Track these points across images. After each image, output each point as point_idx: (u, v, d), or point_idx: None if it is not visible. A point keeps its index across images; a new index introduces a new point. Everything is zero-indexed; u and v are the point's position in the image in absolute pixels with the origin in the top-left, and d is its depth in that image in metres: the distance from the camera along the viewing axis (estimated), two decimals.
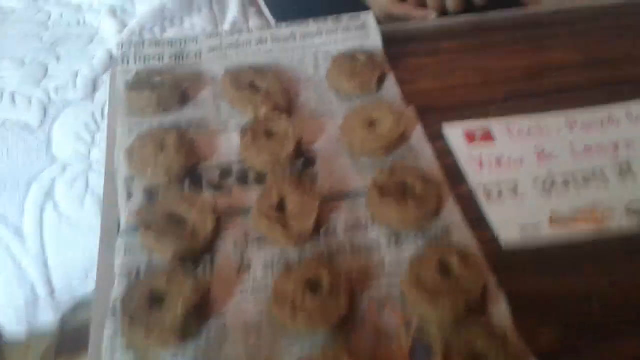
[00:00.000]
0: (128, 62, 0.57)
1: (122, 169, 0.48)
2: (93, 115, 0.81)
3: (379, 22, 0.62)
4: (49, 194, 0.78)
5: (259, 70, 0.56)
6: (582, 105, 0.55)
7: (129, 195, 0.46)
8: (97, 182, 0.79)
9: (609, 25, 0.66)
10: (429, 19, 0.62)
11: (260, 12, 1.01)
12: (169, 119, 0.53)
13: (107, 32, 0.93)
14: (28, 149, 0.78)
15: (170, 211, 0.43)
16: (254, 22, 1.00)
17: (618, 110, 0.55)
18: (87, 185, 0.79)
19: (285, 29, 0.61)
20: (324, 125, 0.53)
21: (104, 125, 0.80)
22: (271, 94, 0.53)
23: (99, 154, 0.79)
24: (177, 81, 0.54)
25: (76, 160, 0.79)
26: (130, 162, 0.47)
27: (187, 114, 0.53)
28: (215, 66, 0.58)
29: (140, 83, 0.53)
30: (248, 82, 0.55)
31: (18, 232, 0.77)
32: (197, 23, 0.98)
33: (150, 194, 0.46)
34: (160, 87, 0.53)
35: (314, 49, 0.60)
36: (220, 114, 0.54)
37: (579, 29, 0.65)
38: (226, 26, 0.98)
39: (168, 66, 0.57)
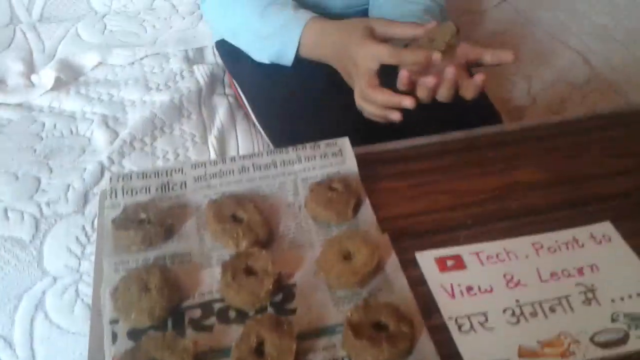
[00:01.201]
0: (116, 195, 0.60)
1: (107, 311, 0.50)
2: (83, 228, 0.83)
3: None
4: (39, 305, 0.79)
5: (241, 201, 0.59)
6: (547, 227, 0.58)
7: (114, 338, 0.48)
8: (87, 291, 0.81)
9: (573, 142, 0.70)
10: (408, 105, 0.65)
11: (247, 115, 1.06)
12: (154, 253, 0.55)
13: (98, 143, 0.97)
14: (19, 264, 0.80)
15: (152, 357, 0.45)
16: (241, 126, 1.05)
17: (582, 233, 0.58)
18: (77, 295, 0.80)
19: (266, 157, 0.65)
20: (303, 256, 0.55)
21: (94, 237, 0.82)
22: (252, 226, 0.56)
23: (88, 266, 0.81)
24: (162, 216, 0.57)
25: (66, 273, 0.81)
26: (114, 304, 0.49)
27: (171, 248, 0.56)
28: (199, 196, 0.61)
29: (127, 220, 0.56)
30: (230, 213, 0.57)
31: (7, 341, 0.78)
32: (186, 130, 1.02)
33: (134, 337, 0.48)
34: (146, 224, 0.56)
35: (294, 175, 0.64)
36: (203, 246, 0.56)
37: (544, 146, 0.69)
38: (214, 131, 1.02)
39: (154, 199, 0.60)
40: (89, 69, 1.16)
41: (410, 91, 0.67)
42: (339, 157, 0.65)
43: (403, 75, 0.66)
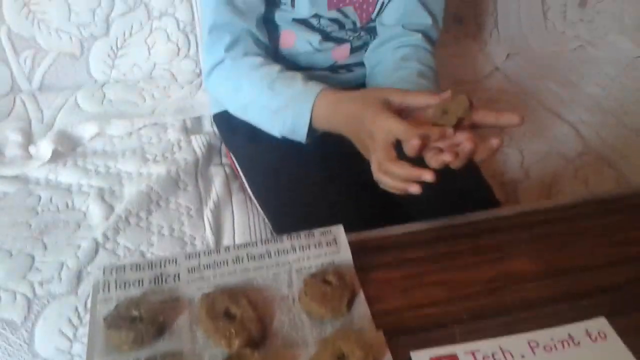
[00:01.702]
0: (109, 289, 0.60)
1: None
2: (76, 309, 0.82)
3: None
4: None
5: (234, 295, 0.59)
6: (543, 322, 0.58)
7: None
8: None
9: (568, 229, 0.70)
10: (428, 179, 0.64)
11: (243, 186, 1.06)
12: (145, 352, 0.54)
13: (94, 218, 0.97)
14: (9, 347, 0.79)
15: None
16: (237, 197, 1.05)
17: (578, 329, 0.57)
18: None
19: (260, 247, 0.65)
20: (296, 356, 0.54)
21: (87, 319, 0.81)
22: (245, 323, 0.56)
23: (80, 348, 0.80)
24: (154, 313, 0.57)
25: (58, 356, 0.79)
26: None
27: (162, 347, 0.55)
28: (192, 289, 0.61)
29: (119, 319, 0.55)
30: (223, 309, 0.57)
31: None
32: (182, 203, 1.02)
33: None
34: (138, 322, 0.55)
35: (288, 266, 0.64)
36: (195, 345, 0.55)
37: (538, 232, 0.70)
38: (210, 204, 1.02)
39: (147, 292, 0.60)
40: (87, 140, 1.17)
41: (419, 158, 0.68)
42: (334, 247, 0.65)
43: (414, 145, 0.65)
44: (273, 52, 1.01)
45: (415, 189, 0.66)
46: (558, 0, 1.55)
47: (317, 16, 0.98)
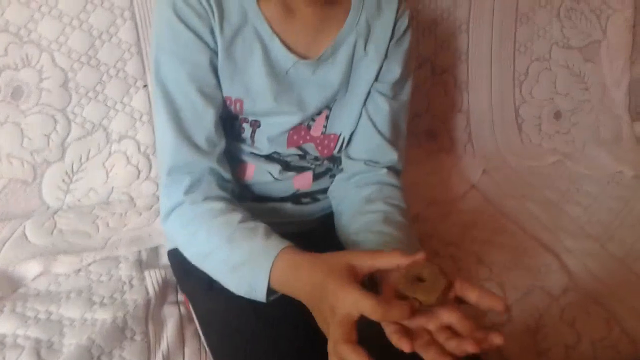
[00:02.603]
0: None
1: None
2: None
3: None
4: None
5: None
6: None
7: None
8: None
9: None
10: None
11: (197, 332, 0.96)
12: None
13: None
14: None
15: None
16: (190, 347, 0.95)
17: None
18: None
19: None
20: None
21: None
22: None
23: None
24: None
25: None
26: None
27: None
28: None
29: None
30: None
31: None
32: (126, 357, 0.91)
33: None
34: None
35: None
36: None
37: None
38: (159, 357, 0.92)
39: None
40: (30, 280, 1.07)
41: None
42: None
43: (405, 345, 0.57)
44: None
45: None
46: (532, 112, 1.52)
47: (276, 153, 0.92)
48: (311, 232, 1.01)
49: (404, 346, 0.57)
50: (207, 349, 0.91)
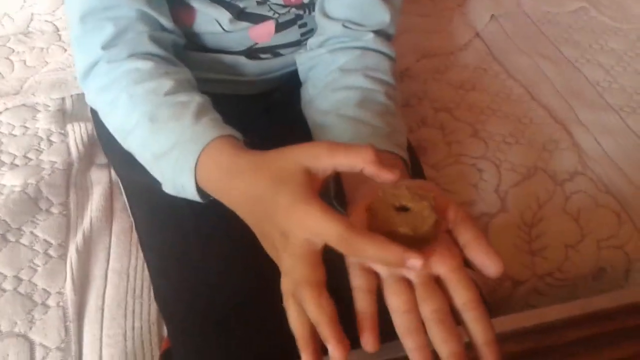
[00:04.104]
0: None
1: None
2: None
3: None
4: None
5: None
6: None
7: None
8: None
9: None
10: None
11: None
12: None
13: None
14: None
15: None
16: (118, 224, 0.78)
17: None
18: None
19: None
20: None
21: None
22: None
23: None
24: None
25: None
26: None
27: None
28: None
29: None
30: None
31: None
32: (39, 235, 0.74)
33: None
34: None
35: None
36: None
37: None
38: (79, 237, 0.75)
39: None
40: None
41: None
42: None
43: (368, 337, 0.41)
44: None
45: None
46: None
47: None
48: (271, 92, 0.80)
49: (367, 337, 0.40)
50: (138, 236, 0.75)
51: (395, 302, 0.42)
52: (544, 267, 0.76)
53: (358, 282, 0.43)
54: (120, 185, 0.80)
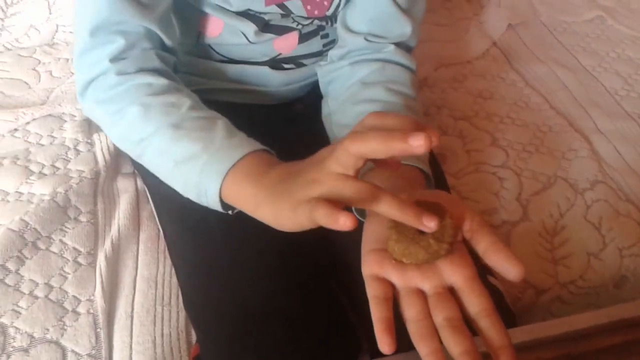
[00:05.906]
0: None
1: None
2: None
3: None
4: None
5: None
6: None
7: None
8: None
9: None
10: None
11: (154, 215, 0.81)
12: None
13: None
14: None
15: None
16: (145, 232, 0.80)
17: None
18: None
19: None
20: None
21: None
22: None
23: None
24: None
25: None
26: None
27: None
28: None
29: None
30: None
31: None
32: (69, 243, 0.75)
33: None
34: None
35: None
36: None
37: None
38: (107, 244, 0.77)
39: None
40: None
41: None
42: None
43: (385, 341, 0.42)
44: (192, 46, 0.73)
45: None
46: None
47: (250, 10, 0.69)
48: (294, 103, 0.81)
49: (384, 338, 0.41)
50: (165, 243, 0.77)
51: (411, 312, 0.43)
52: (566, 275, 0.77)
53: (374, 293, 0.44)
54: (148, 194, 0.81)
